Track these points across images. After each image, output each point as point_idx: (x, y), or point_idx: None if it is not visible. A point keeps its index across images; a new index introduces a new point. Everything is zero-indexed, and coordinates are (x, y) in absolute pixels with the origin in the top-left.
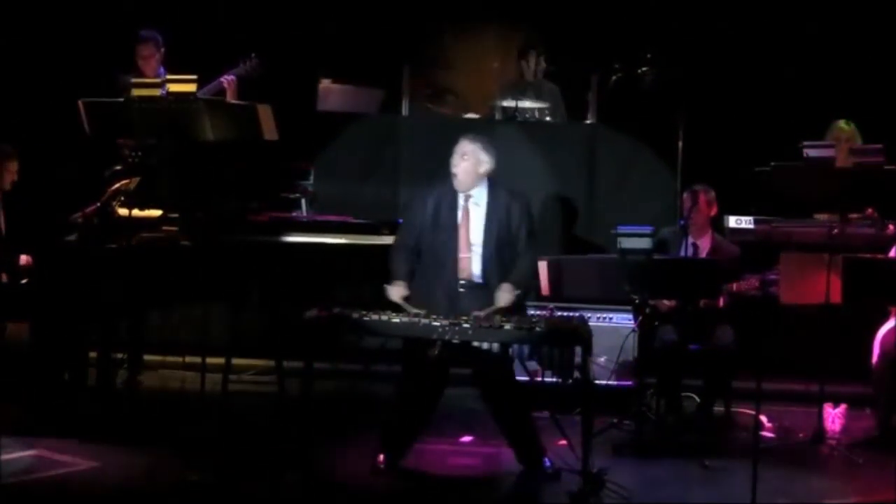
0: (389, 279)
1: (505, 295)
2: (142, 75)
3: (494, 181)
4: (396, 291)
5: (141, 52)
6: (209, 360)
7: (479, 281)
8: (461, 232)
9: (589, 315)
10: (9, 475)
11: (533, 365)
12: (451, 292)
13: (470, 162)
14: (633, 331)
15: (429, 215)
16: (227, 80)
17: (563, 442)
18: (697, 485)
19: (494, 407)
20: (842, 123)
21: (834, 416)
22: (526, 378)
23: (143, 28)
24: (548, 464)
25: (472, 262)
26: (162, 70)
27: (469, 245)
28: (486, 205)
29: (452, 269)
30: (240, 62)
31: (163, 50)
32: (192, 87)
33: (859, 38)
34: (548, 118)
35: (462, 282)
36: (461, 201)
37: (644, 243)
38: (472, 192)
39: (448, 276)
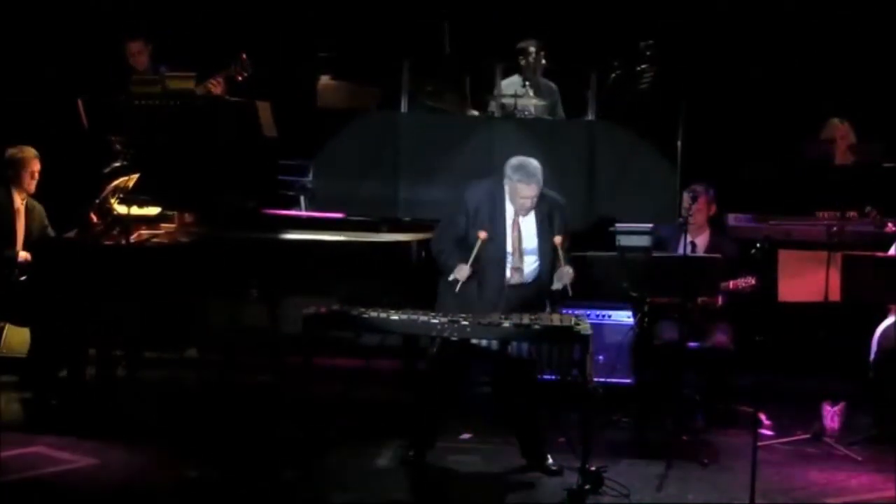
0: (444, 271)
1: (568, 272)
2: (134, 72)
3: None
4: (465, 269)
5: (131, 49)
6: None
7: (526, 281)
8: (511, 240)
9: (588, 312)
10: (9, 473)
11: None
12: (499, 290)
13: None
14: (632, 328)
15: (483, 214)
16: (214, 81)
17: (562, 440)
18: (697, 483)
19: (513, 406)
20: (836, 121)
21: (833, 414)
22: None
23: (134, 25)
24: (551, 460)
25: (520, 266)
26: (163, 68)
27: (520, 252)
28: (532, 214)
29: (502, 272)
30: (230, 63)
31: (151, 46)
32: (190, 84)
33: (858, 35)
34: (546, 116)
35: (511, 282)
36: (510, 212)
37: (643, 241)
38: None
39: (498, 277)
